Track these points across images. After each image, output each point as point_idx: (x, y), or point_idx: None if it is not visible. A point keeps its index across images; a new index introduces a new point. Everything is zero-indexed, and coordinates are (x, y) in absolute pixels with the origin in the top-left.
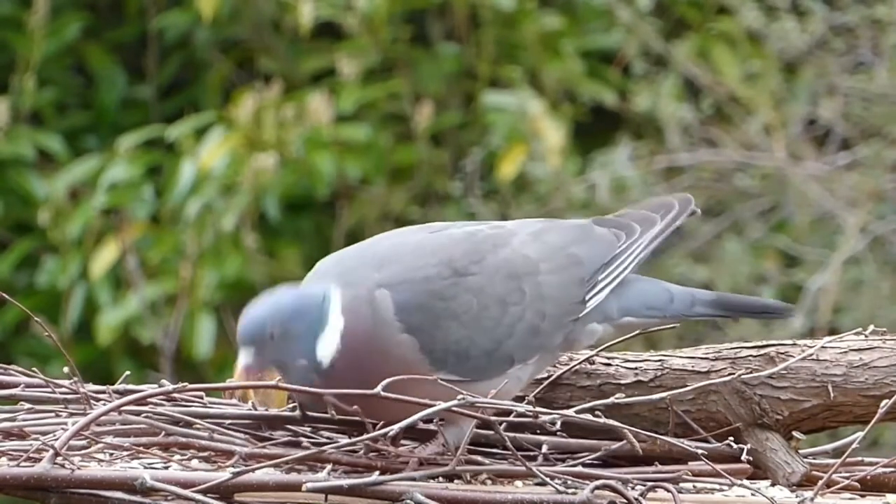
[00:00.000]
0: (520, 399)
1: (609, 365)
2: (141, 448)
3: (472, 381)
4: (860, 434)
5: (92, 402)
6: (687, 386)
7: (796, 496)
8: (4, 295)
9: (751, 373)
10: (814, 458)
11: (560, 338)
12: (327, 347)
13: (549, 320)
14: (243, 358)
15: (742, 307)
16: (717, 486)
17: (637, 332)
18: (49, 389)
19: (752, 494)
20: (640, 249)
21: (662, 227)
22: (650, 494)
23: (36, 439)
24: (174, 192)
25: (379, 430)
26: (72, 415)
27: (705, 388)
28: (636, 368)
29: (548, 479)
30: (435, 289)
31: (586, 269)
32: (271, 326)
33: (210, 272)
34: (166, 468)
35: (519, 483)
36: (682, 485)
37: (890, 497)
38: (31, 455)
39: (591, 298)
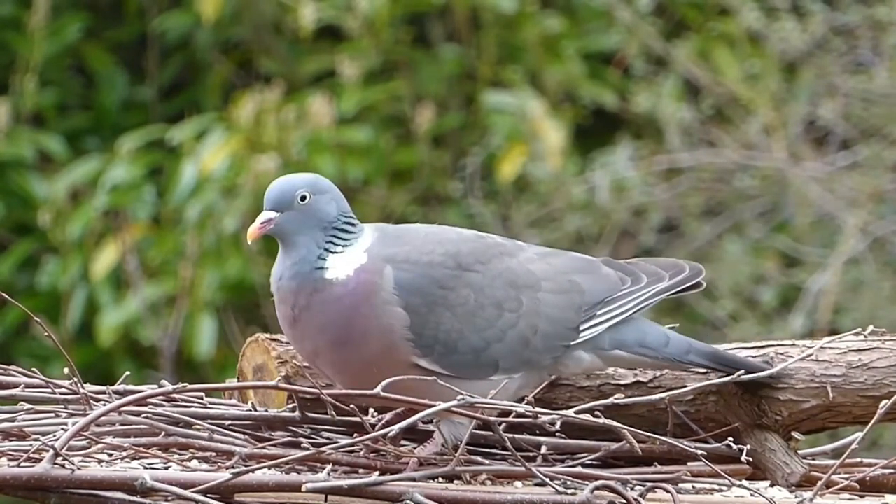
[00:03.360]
0: (519, 399)
1: (603, 370)
2: (141, 448)
3: (455, 377)
4: (859, 435)
5: (92, 402)
6: (686, 386)
7: (795, 496)
8: (5, 296)
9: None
10: (813, 459)
11: (549, 359)
12: (341, 266)
13: (540, 337)
14: (263, 215)
15: (734, 364)
16: (717, 487)
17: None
18: (49, 390)
19: (752, 495)
20: (644, 298)
21: (668, 286)
22: (650, 495)
23: (36, 440)
24: (175, 194)
25: (379, 430)
26: (72, 415)
27: (704, 389)
28: (635, 369)
29: (547, 480)
30: (436, 275)
31: (586, 298)
32: (304, 189)
33: (211, 273)
34: (166, 469)
35: (518, 483)
36: (681, 485)
37: (889, 497)
38: (32, 455)
39: (585, 329)
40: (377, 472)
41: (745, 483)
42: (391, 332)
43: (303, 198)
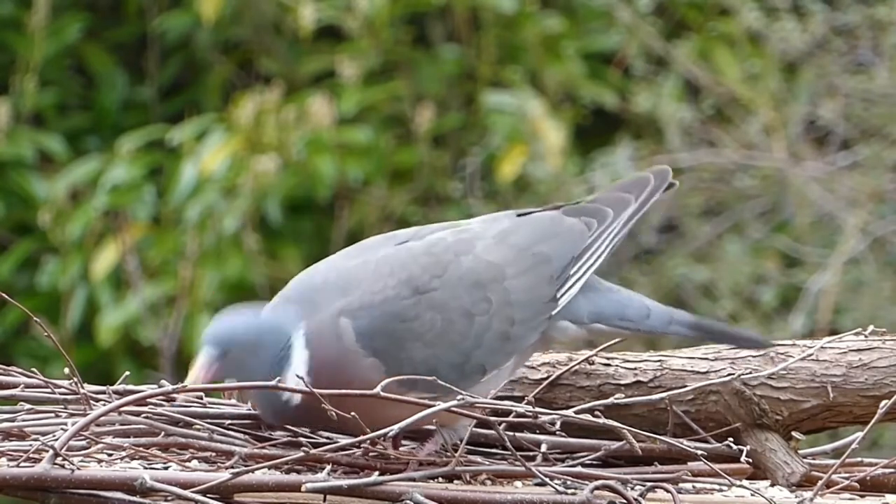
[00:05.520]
0: (519, 399)
1: (608, 365)
2: (140, 448)
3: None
4: (860, 434)
5: (91, 402)
6: (686, 386)
7: (796, 496)
8: (5, 296)
9: (750, 373)
10: (813, 459)
11: (535, 336)
12: (292, 375)
13: (519, 325)
14: (204, 355)
15: (720, 334)
16: (717, 487)
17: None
18: (49, 390)
19: (752, 495)
20: (613, 235)
21: (637, 207)
22: (650, 494)
23: (36, 440)
24: (175, 194)
25: (378, 430)
26: (71, 415)
27: (704, 389)
28: (635, 369)
29: (547, 480)
30: (395, 311)
31: (555, 265)
32: (230, 345)
33: (211, 273)
34: (166, 469)
35: (518, 483)
36: (681, 485)
37: (889, 497)
38: (31, 455)
39: (562, 295)
40: (377, 472)
41: (745, 483)
42: (370, 384)
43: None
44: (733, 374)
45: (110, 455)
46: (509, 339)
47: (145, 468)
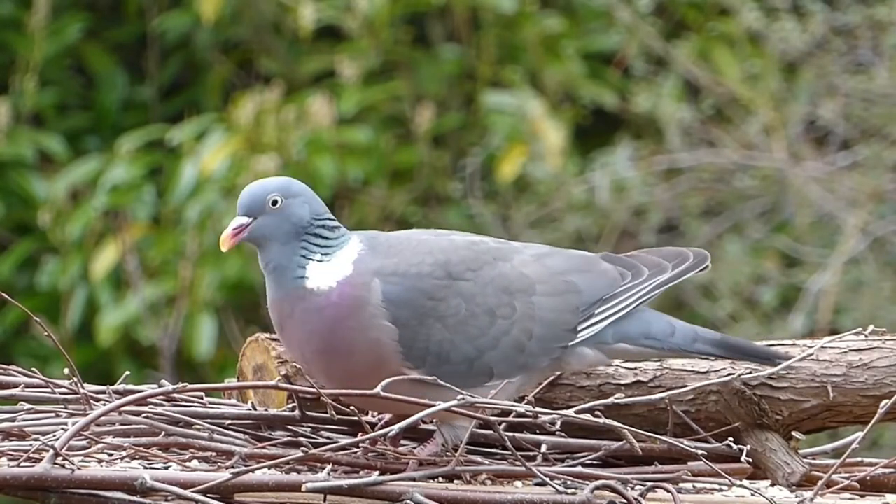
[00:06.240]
0: (520, 399)
1: (609, 365)
2: (141, 448)
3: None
4: (860, 434)
5: (92, 402)
6: (686, 386)
7: (796, 496)
8: (5, 296)
9: (750, 373)
10: (813, 459)
11: (546, 361)
12: (322, 276)
13: (536, 341)
14: (235, 221)
15: (744, 351)
16: (717, 487)
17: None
18: (49, 390)
19: (752, 494)
20: (645, 292)
21: (671, 276)
22: (650, 494)
23: (36, 439)
24: (175, 194)
25: (379, 430)
26: (72, 415)
27: (705, 389)
28: (636, 369)
29: (547, 480)
30: (425, 287)
31: (583, 298)
32: (275, 193)
33: (211, 273)
34: (166, 469)
35: (519, 483)
36: (681, 485)
37: (889, 497)
38: (32, 455)
39: (583, 329)
40: (377, 472)
41: (745, 483)
42: (379, 346)
43: (274, 202)
44: (733, 374)
45: (110, 455)
46: (523, 352)
47: (145, 468)
